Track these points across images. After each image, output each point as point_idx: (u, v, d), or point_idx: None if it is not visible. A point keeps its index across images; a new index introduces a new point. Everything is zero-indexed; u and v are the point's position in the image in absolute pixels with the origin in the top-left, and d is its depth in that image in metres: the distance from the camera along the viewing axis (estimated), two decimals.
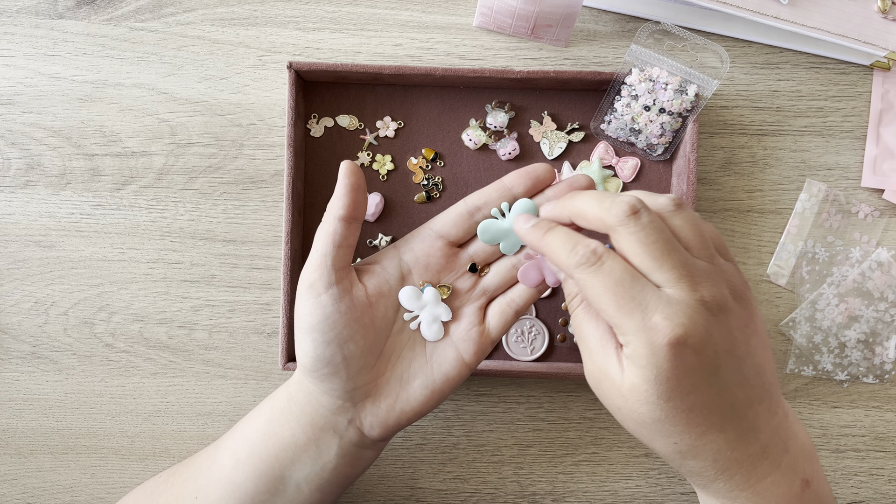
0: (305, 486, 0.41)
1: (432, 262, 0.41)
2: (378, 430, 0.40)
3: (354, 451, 0.41)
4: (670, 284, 0.33)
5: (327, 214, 0.39)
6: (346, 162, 0.39)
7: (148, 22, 0.52)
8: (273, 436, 0.41)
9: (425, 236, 0.41)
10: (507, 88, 0.51)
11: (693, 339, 0.32)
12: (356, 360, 0.39)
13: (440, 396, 0.41)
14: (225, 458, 0.42)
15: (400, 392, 0.40)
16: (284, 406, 0.41)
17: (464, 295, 0.42)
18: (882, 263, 0.52)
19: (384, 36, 0.52)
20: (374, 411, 0.40)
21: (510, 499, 0.53)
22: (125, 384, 0.52)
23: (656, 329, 0.32)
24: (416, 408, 0.40)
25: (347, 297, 0.39)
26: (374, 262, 0.41)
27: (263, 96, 0.52)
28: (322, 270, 0.38)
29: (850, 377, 0.52)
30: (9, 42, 0.52)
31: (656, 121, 0.48)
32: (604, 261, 0.34)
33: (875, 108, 0.52)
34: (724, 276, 0.35)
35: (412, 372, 0.41)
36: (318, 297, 0.38)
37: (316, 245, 0.39)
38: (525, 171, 0.40)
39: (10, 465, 0.53)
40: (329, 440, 0.40)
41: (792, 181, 0.52)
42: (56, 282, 0.52)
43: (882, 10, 0.50)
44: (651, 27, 0.49)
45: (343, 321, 0.38)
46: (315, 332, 0.38)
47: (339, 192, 0.39)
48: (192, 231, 0.52)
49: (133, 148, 0.52)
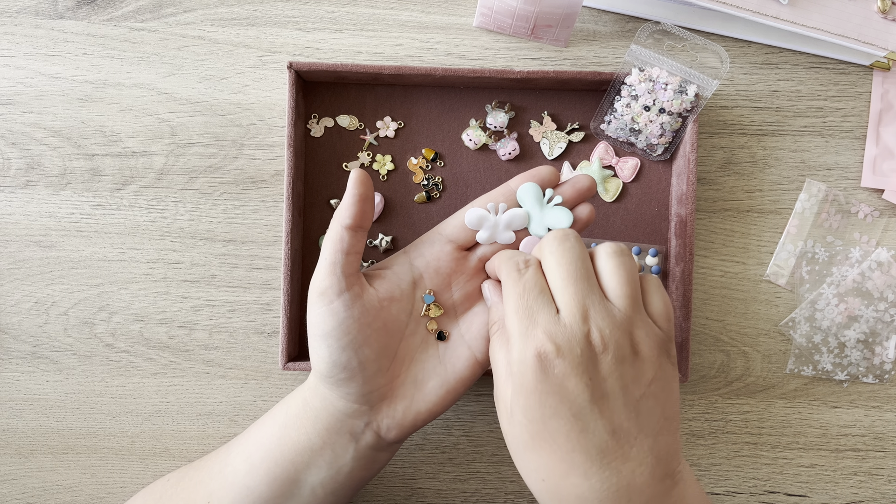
0: (320, 489, 0.41)
1: (442, 266, 0.42)
2: (395, 431, 0.41)
3: (370, 454, 0.42)
4: (565, 310, 0.35)
5: (334, 223, 0.39)
6: (356, 171, 0.40)
7: (148, 22, 0.52)
8: (288, 440, 0.41)
9: (434, 241, 0.42)
10: (507, 88, 0.51)
11: (563, 363, 0.34)
12: (371, 364, 0.39)
13: (455, 396, 0.41)
14: (238, 462, 0.42)
15: (415, 393, 0.41)
16: (300, 411, 0.42)
17: (473, 295, 0.42)
18: (882, 263, 0.52)
19: (384, 36, 0.52)
20: (390, 413, 0.41)
21: (510, 499, 0.53)
22: (125, 384, 0.52)
23: (533, 338, 0.34)
24: (432, 408, 0.41)
25: (359, 302, 0.39)
26: (384, 268, 0.42)
27: (263, 96, 0.52)
28: (333, 278, 0.39)
29: (849, 377, 0.52)
30: (9, 42, 0.52)
31: (656, 121, 0.48)
32: (526, 270, 0.37)
33: (875, 108, 0.52)
34: (633, 328, 0.35)
35: (426, 373, 0.41)
36: (331, 303, 0.39)
37: (324, 253, 0.39)
38: (529, 173, 0.41)
39: (10, 465, 0.53)
40: (345, 444, 0.41)
41: (792, 181, 0.52)
42: (56, 282, 0.52)
43: (882, 10, 0.50)
44: (651, 27, 0.49)
45: (357, 326, 0.39)
46: (330, 339, 0.39)
47: (347, 202, 0.39)
48: (193, 231, 0.52)
49: (133, 148, 0.52)
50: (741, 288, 0.52)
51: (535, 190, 0.41)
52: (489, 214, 0.41)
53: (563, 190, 0.41)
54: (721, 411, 0.53)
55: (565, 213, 0.41)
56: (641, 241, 0.52)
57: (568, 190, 0.41)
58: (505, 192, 0.42)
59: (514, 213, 0.41)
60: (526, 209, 0.41)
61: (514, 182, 0.41)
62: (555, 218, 0.41)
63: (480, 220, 0.41)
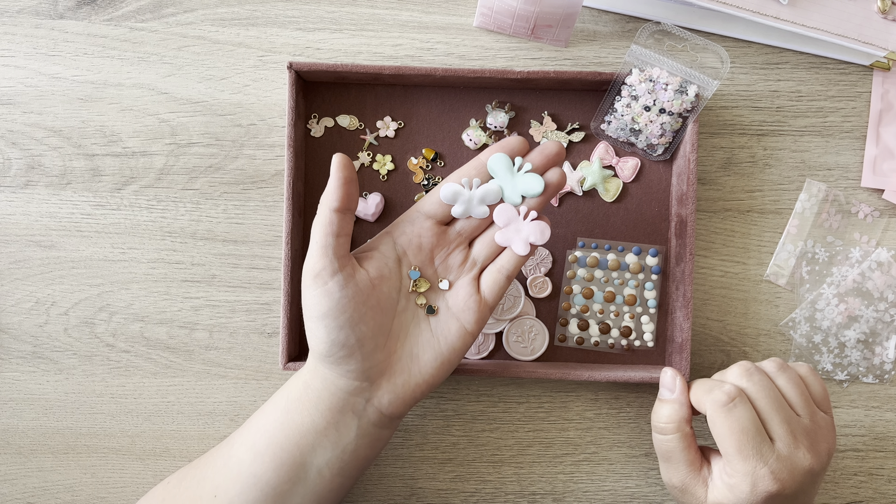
0: (327, 470, 0.42)
1: (424, 242, 0.43)
2: (396, 405, 0.42)
3: (373, 431, 0.43)
4: (779, 439, 0.40)
5: (322, 207, 0.41)
6: (338, 155, 0.41)
7: (148, 22, 0.52)
8: (292, 423, 0.42)
9: (414, 219, 0.43)
10: (507, 88, 0.51)
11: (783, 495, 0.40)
12: (369, 341, 0.41)
13: (449, 366, 0.43)
14: (242, 452, 0.43)
15: (412, 367, 0.42)
16: (301, 394, 0.42)
17: (457, 269, 0.44)
18: (882, 263, 0.52)
19: (384, 36, 0.52)
20: (390, 388, 0.42)
21: (510, 499, 0.53)
22: (125, 384, 0.52)
23: (763, 479, 0.39)
24: (429, 380, 0.42)
25: (352, 281, 0.40)
26: (371, 249, 0.43)
27: (264, 96, 0.52)
28: (325, 260, 0.40)
29: (849, 377, 0.52)
30: (9, 42, 0.52)
31: (656, 121, 0.48)
32: (735, 405, 0.40)
33: (875, 109, 0.52)
34: (821, 432, 0.42)
35: (421, 347, 0.42)
36: (325, 284, 0.40)
37: (315, 237, 0.41)
38: (499, 145, 0.43)
39: (10, 465, 0.53)
40: (349, 422, 0.42)
41: (792, 181, 0.52)
42: (56, 282, 0.52)
43: (882, 10, 0.50)
44: (651, 27, 0.49)
45: (352, 305, 0.40)
46: (327, 319, 0.40)
47: (333, 185, 0.40)
48: (193, 231, 0.52)
49: (133, 148, 0.52)
50: (741, 288, 0.52)
51: (504, 160, 0.42)
52: (464, 189, 0.42)
53: (532, 157, 0.42)
54: None
55: (536, 179, 0.42)
56: (641, 241, 0.52)
57: (537, 157, 0.42)
58: (477, 166, 0.43)
59: (488, 189, 0.42)
60: (497, 179, 0.42)
61: (484, 155, 0.43)
62: (526, 184, 0.42)
63: (455, 195, 0.42)
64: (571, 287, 0.52)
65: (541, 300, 0.52)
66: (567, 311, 0.52)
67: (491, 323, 0.51)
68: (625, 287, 0.52)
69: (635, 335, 0.52)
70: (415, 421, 0.53)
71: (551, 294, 0.52)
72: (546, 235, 0.42)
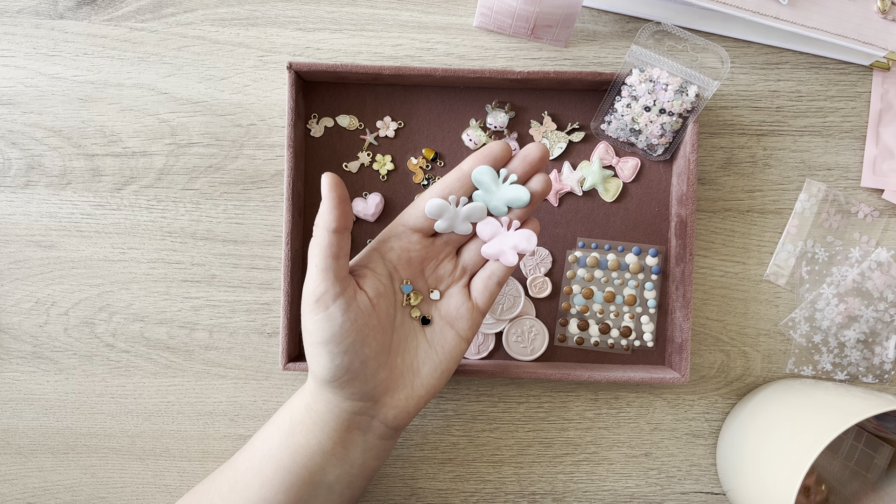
0: (336, 485, 0.43)
1: (413, 256, 0.43)
2: (401, 418, 0.42)
3: (379, 444, 0.43)
4: None
5: (318, 229, 0.40)
6: (327, 174, 0.40)
7: (148, 22, 0.52)
8: (298, 447, 0.42)
9: (401, 234, 0.43)
10: (507, 88, 0.51)
11: None
12: (372, 362, 0.40)
13: (449, 374, 0.44)
14: (249, 477, 0.42)
15: (414, 380, 0.42)
16: (304, 416, 0.42)
17: (447, 278, 0.44)
18: (882, 263, 0.52)
19: (384, 36, 0.52)
20: (394, 403, 0.42)
21: (510, 499, 0.53)
22: (125, 384, 0.52)
23: None
24: (431, 389, 0.43)
25: (354, 304, 0.40)
26: (363, 266, 0.42)
27: (264, 96, 0.52)
28: (327, 283, 0.39)
29: (849, 377, 0.52)
30: (9, 42, 0.52)
31: (656, 121, 0.48)
32: None
33: (875, 109, 0.52)
34: None
35: (420, 359, 0.43)
36: (327, 309, 0.39)
37: (313, 260, 0.39)
38: (482, 154, 0.42)
39: (10, 465, 0.53)
40: (355, 439, 0.42)
41: (791, 181, 0.52)
42: (56, 282, 0.52)
43: (882, 10, 0.50)
44: (651, 28, 0.49)
45: (355, 329, 0.39)
46: (330, 345, 0.39)
47: (327, 206, 0.39)
48: (193, 231, 0.52)
49: (133, 148, 0.52)
50: (741, 288, 0.52)
51: (489, 172, 0.42)
52: (450, 205, 0.42)
53: (514, 166, 0.42)
54: (721, 411, 0.53)
55: (522, 190, 0.42)
56: (641, 241, 0.52)
57: (519, 165, 0.42)
58: (461, 178, 0.42)
59: (474, 207, 0.42)
60: (482, 190, 0.42)
61: (466, 165, 0.42)
62: (512, 195, 0.42)
63: (441, 210, 0.42)
64: (571, 287, 0.52)
65: (541, 300, 0.52)
66: (567, 311, 0.52)
67: (491, 323, 0.51)
68: (625, 287, 0.52)
69: (635, 335, 0.52)
70: (415, 421, 0.53)
71: (551, 294, 0.52)
72: (533, 243, 0.42)
